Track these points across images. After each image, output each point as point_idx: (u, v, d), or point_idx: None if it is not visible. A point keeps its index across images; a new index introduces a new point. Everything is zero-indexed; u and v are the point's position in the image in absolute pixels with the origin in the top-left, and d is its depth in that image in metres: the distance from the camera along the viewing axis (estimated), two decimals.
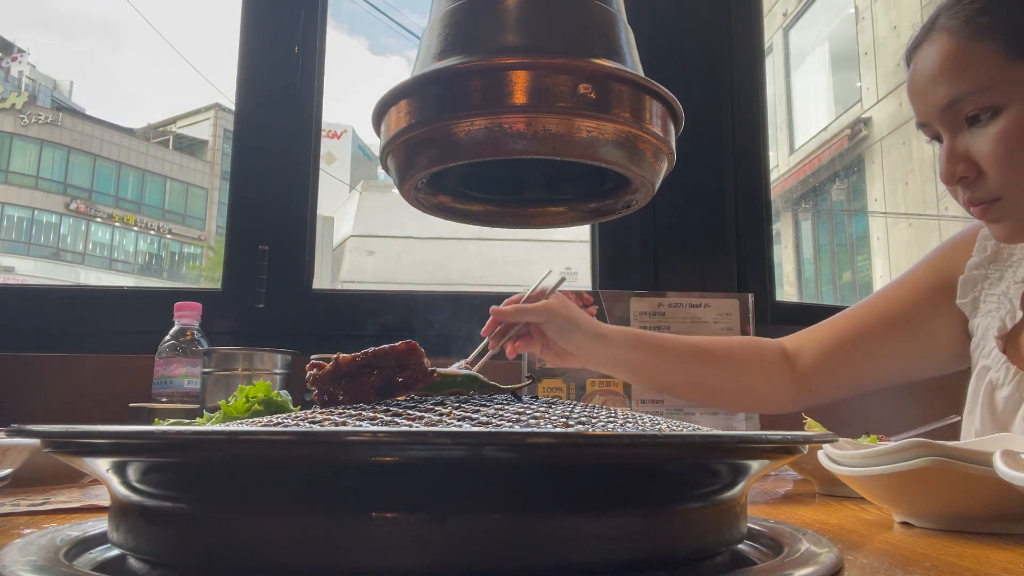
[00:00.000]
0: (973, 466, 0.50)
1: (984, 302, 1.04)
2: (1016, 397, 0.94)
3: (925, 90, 0.93)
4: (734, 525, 0.39)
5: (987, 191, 0.89)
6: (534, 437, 0.31)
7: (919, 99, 0.94)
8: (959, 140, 0.90)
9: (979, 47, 0.89)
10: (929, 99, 0.92)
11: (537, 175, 0.58)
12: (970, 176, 0.89)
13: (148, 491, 0.35)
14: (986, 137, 0.88)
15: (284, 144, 1.51)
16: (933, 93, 0.91)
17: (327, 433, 0.32)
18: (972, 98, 0.88)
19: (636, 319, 1.30)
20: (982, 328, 1.02)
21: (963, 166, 0.89)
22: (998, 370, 0.97)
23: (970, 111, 0.88)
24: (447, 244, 9.71)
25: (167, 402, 1.24)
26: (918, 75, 0.94)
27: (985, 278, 1.05)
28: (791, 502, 0.74)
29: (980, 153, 0.88)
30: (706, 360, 1.09)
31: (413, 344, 0.48)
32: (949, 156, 0.90)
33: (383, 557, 0.31)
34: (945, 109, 0.90)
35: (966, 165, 0.89)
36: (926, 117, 0.93)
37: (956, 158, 0.89)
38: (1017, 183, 0.87)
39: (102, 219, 18.27)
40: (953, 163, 0.89)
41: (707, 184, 1.57)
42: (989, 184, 0.88)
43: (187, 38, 30.48)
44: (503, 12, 0.48)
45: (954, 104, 0.89)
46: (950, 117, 0.90)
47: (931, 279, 1.09)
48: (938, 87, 0.91)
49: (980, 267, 1.06)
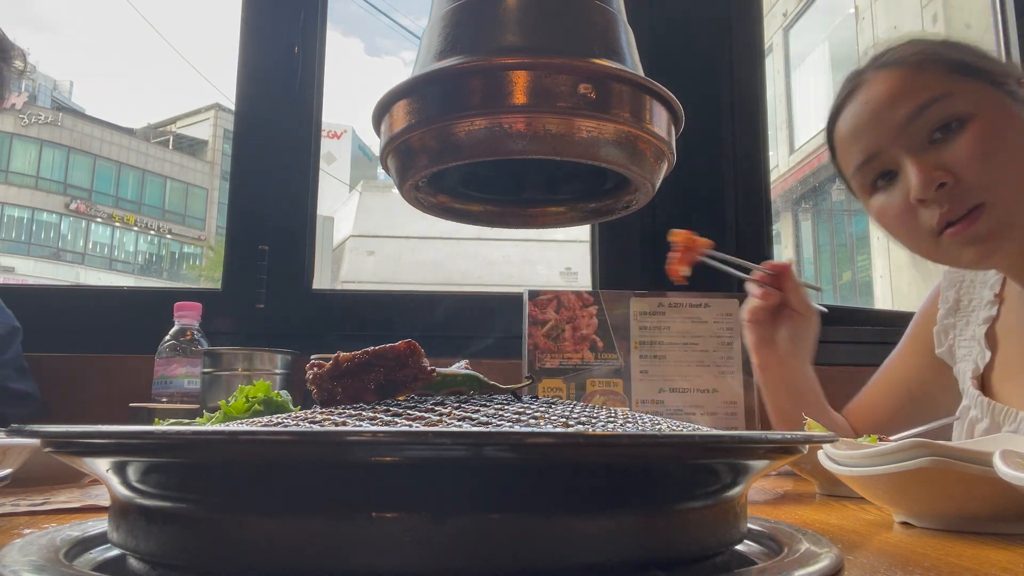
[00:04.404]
0: (973, 466, 0.50)
1: (959, 348, 1.08)
2: (993, 427, 0.98)
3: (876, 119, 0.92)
4: (734, 525, 0.39)
5: (968, 197, 0.87)
6: (534, 437, 0.31)
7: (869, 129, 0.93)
8: (926, 156, 0.89)
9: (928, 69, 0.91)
10: (884, 124, 0.92)
11: (537, 175, 0.58)
12: (948, 182, 0.87)
13: (148, 491, 0.35)
14: (960, 143, 0.87)
15: (284, 144, 1.51)
16: (888, 117, 0.91)
17: (327, 433, 0.32)
18: (938, 106, 0.88)
19: (636, 319, 1.30)
20: (961, 373, 1.07)
21: (940, 174, 0.87)
22: (976, 406, 1.01)
23: (937, 121, 0.88)
24: (447, 244, 9.72)
25: (167, 402, 1.24)
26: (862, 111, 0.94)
27: (954, 326, 1.09)
28: (791, 502, 0.74)
29: (956, 160, 0.87)
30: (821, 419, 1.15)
31: (413, 344, 0.48)
32: (922, 170, 0.88)
33: (383, 557, 0.31)
34: (908, 125, 0.89)
35: (942, 173, 0.87)
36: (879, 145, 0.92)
37: (930, 168, 0.88)
38: (1001, 180, 0.87)
39: (102, 219, 18.27)
40: (927, 174, 0.87)
41: (707, 184, 1.57)
42: (970, 188, 0.87)
43: (187, 38, 30.53)
44: (503, 12, 0.48)
45: (919, 116, 0.89)
46: (913, 133, 0.89)
47: (917, 346, 1.16)
48: (896, 106, 0.90)
49: (948, 317, 1.10)
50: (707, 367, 1.29)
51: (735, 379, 1.29)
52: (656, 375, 1.28)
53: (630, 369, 1.28)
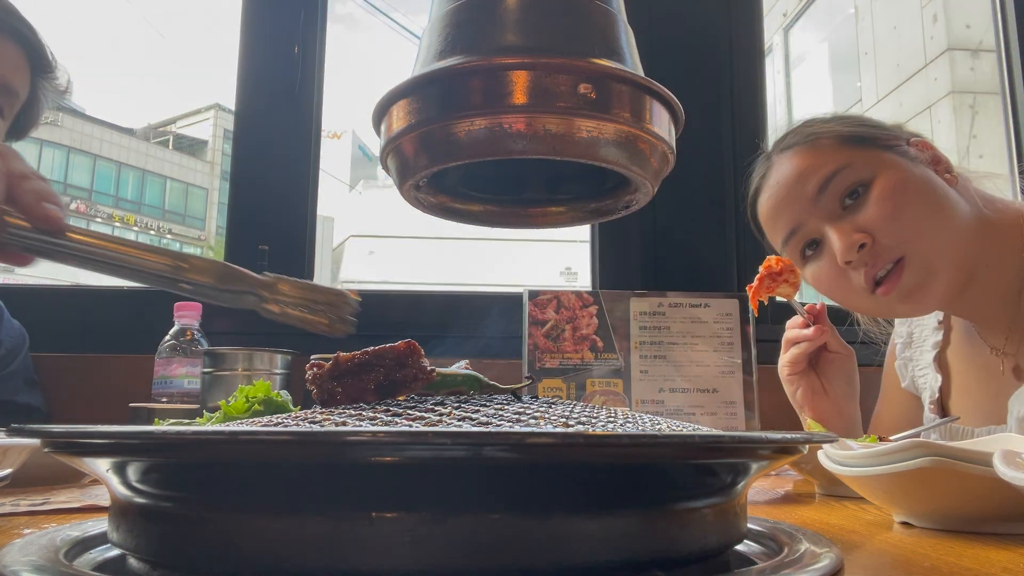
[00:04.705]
0: (973, 466, 0.50)
1: (917, 378, 1.14)
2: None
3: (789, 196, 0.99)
4: (734, 525, 0.39)
5: (888, 253, 0.93)
6: (534, 437, 0.31)
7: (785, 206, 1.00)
8: (842, 222, 0.95)
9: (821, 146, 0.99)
10: (798, 197, 0.98)
11: (537, 175, 0.58)
12: (867, 242, 0.93)
13: (148, 491, 0.35)
14: (869, 205, 0.93)
15: (284, 144, 1.51)
16: (800, 190, 0.98)
17: (327, 433, 0.32)
18: (840, 176, 0.95)
19: (636, 319, 1.30)
20: (924, 401, 1.12)
21: (858, 236, 0.93)
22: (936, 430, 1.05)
23: (843, 189, 0.95)
24: (447, 244, 9.72)
25: (167, 402, 1.24)
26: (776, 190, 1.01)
27: (911, 359, 1.15)
28: (791, 502, 0.74)
29: (869, 220, 0.93)
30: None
31: (412, 343, 0.48)
32: (841, 235, 0.94)
33: (383, 557, 0.31)
34: (819, 197, 0.96)
35: (860, 235, 0.93)
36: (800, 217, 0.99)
37: (848, 233, 0.93)
38: (914, 233, 0.93)
39: (102, 219, 18.27)
40: (847, 239, 0.93)
41: (707, 184, 1.57)
42: (888, 244, 0.93)
43: (187, 38, 30.44)
44: (503, 12, 0.48)
45: (827, 186, 0.96)
46: (826, 203, 0.96)
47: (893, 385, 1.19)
48: (804, 182, 0.98)
49: (905, 351, 1.16)
50: (707, 367, 1.29)
51: (735, 379, 1.29)
52: (656, 375, 1.29)
53: (630, 369, 1.28)
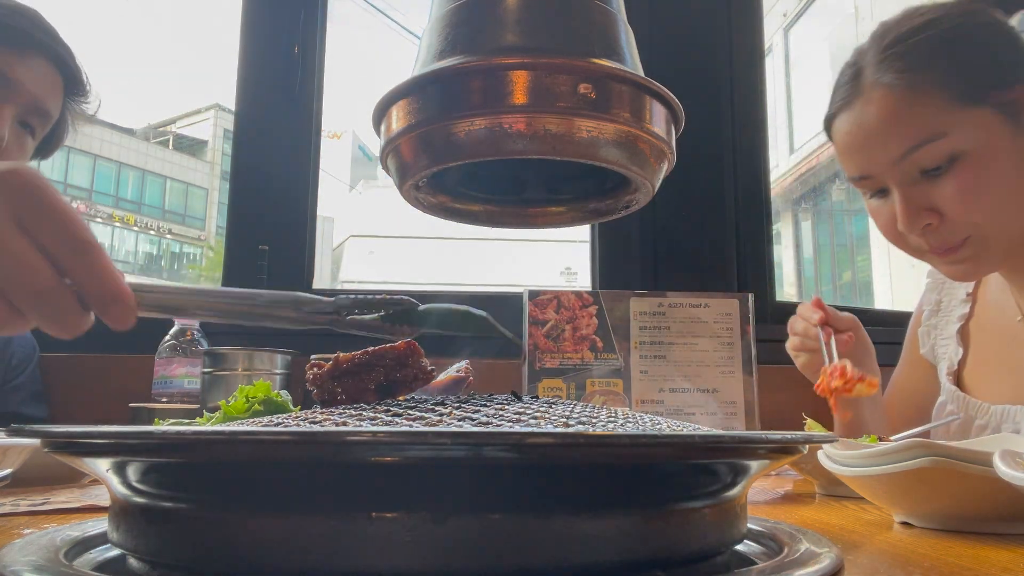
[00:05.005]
0: (973, 466, 0.50)
1: (938, 348, 1.13)
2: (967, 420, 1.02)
3: (868, 146, 0.91)
4: (734, 525, 0.39)
5: (953, 236, 0.89)
6: (534, 437, 0.31)
7: (861, 154, 0.93)
8: (915, 190, 0.89)
9: (925, 97, 0.87)
10: (875, 155, 0.91)
11: (537, 175, 0.58)
12: (934, 224, 0.89)
13: (148, 491, 0.35)
14: (949, 185, 0.87)
15: (284, 144, 1.51)
16: (882, 148, 0.90)
17: (327, 433, 0.32)
18: (929, 147, 0.87)
19: (636, 319, 1.30)
20: (941, 371, 1.11)
21: (926, 215, 0.89)
22: (952, 401, 1.05)
23: (928, 162, 0.87)
24: (447, 244, 9.72)
25: (167, 402, 1.24)
26: (856, 132, 0.92)
27: (935, 326, 1.14)
28: (791, 502, 0.74)
29: (944, 201, 0.88)
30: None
31: (412, 344, 0.48)
32: (909, 207, 0.89)
33: (383, 557, 0.31)
34: (897, 163, 0.89)
35: (929, 213, 0.89)
36: (871, 171, 0.92)
37: (917, 208, 0.89)
38: (986, 220, 0.89)
39: (102, 219, 18.24)
40: (915, 213, 0.89)
41: (707, 184, 1.57)
42: (955, 229, 0.89)
43: (187, 38, 30.50)
44: (503, 12, 0.48)
45: (909, 156, 0.88)
46: (903, 169, 0.89)
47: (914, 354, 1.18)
48: (888, 141, 0.89)
49: (931, 318, 1.15)
50: (707, 367, 1.29)
51: (735, 379, 1.29)
52: (656, 375, 1.28)
53: (630, 369, 1.28)
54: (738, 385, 1.29)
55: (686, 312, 1.31)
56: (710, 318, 1.31)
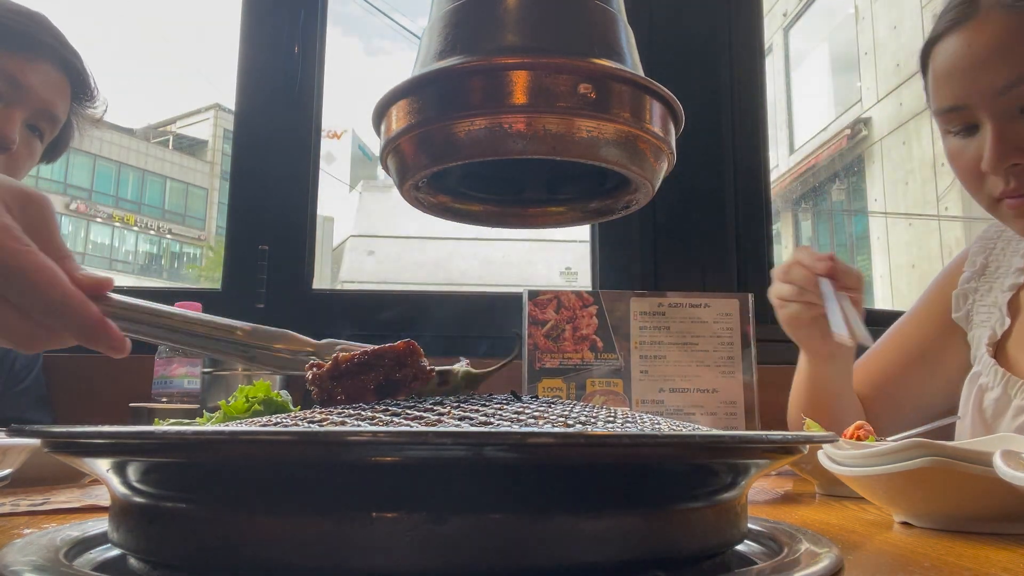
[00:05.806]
0: (973, 466, 0.50)
1: (976, 313, 1.06)
2: (1004, 398, 0.95)
3: (974, 71, 0.86)
4: (734, 525, 0.39)
5: None
6: (534, 437, 0.31)
7: (964, 80, 0.87)
8: (1011, 127, 0.85)
9: None
10: (980, 82, 0.86)
11: (537, 175, 0.58)
12: (1021, 163, 0.84)
13: (148, 491, 0.35)
14: None
15: (284, 144, 1.51)
16: (986, 75, 0.85)
17: (327, 433, 0.32)
18: None
19: (636, 319, 1.30)
20: (976, 339, 1.04)
21: (1016, 154, 0.84)
22: (988, 374, 0.99)
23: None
24: (447, 244, 9.72)
25: (167, 402, 1.24)
26: (964, 55, 0.87)
27: (975, 291, 1.07)
28: (791, 502, 0.74)
29: None
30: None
31: (412, 344, 0.48)
32: (1000, 143, 0.84)
33: (383, 557, 0.31)
34: (1001, 93, 0.84)
35: (1019, 153, 0.84)
36: (968, 100, 0.87)
37: (1008, 146, 0.84)
38: None
39: (102, 219, 18.26)
40: (1004, 150, 0.84)
41: (707, 184, 1.57)
42: None
43: (187, 38, 30.37)
44: (503, 12, 0.48)
45: (1013, 88, 0.83)
46: (1005, 102, 0.84)
47: (935, 308, 1.12)
48: (994, 69, 0.84)
49: (971, 280, 1.08)
50: (707, 367, 1.29)
51: (735, 379, 1.29)
52: (656, 375, 1.28)
53: (630, 369, 1.28)
54: (738, 385, 1.29)
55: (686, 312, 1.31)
56: (710, 318, 1.31)
